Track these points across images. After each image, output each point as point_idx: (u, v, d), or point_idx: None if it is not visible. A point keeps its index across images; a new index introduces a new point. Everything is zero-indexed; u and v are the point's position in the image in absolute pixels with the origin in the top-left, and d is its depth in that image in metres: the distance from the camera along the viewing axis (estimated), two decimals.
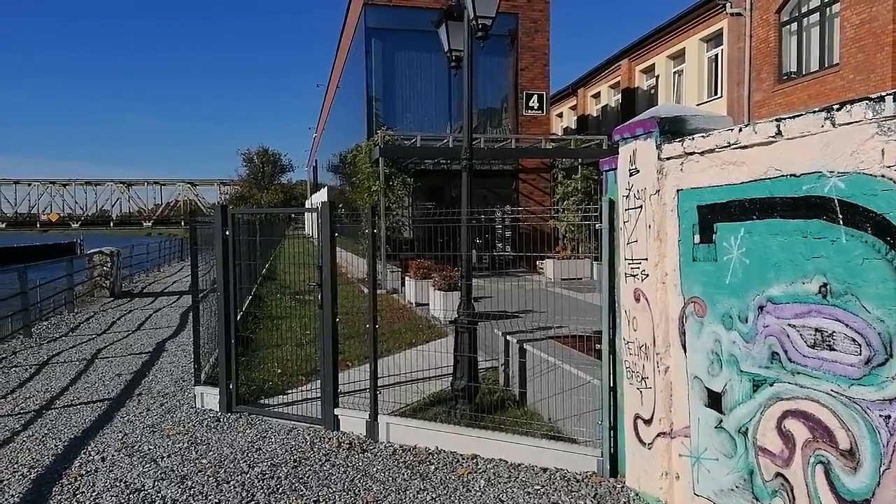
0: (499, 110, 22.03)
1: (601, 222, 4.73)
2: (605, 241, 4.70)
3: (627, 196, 4.39)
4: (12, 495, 4.67)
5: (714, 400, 3.70)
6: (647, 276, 4.18)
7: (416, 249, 15.27)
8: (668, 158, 4.01)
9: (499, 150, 20.23)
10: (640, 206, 4.23)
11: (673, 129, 4.05)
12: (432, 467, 5.07)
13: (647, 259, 4.19)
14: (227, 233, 6.50)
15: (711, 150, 3.63)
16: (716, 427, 3.69)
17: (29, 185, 63.00)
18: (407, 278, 14.82)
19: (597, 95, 29.11)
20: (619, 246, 4.54)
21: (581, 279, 17.24)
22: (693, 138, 3.77)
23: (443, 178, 20.58)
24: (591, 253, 17.92)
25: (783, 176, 3.18)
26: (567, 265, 17.51)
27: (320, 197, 45.39)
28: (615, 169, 4.63)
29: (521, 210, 18.32)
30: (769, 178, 3.26)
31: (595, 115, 29.37)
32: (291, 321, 10.64)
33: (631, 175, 4.34)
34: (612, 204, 4.68)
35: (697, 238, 3.79)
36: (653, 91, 24.07)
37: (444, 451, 5.37)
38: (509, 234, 20.37)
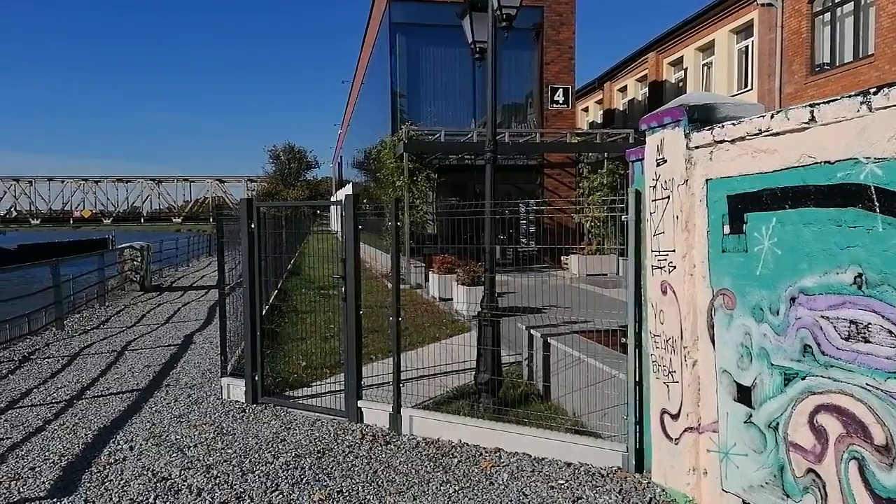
0: (523, 105, 21.88)
1: (627, 214, 4.65)
2: (631, 233, 4.62)
3: (654, 187, 4.31)
4: (43, 482, 4.77)
5: (743, 394, 3.61)
6: (675, 268, 4.10)
7: (440, 244, 15.25)
8: (696, 147, 3.92)
9: (523, 144, 20.10)
10: (668, 197, 4.14)
11: (702, 117, 3.96)
12: (455, 460, 5.05)
13: (674, 251, 4.10)
14: (253, 226, 6.55)
15: (742, 138, 3.54)
16: (745, 422, 3.60)
17: (62, 182, 64.42)
18: (430, 273, 14.82)
19: (623, 89, 28.77)
20: (646, 238, 4.46)
21: (606, 275, 17.04)
22: (723, 126, 3.67)
23: (466, 173, 20.51)
24: (616, 248, 17.71)
25: (817, 163, 3.08)
26: (592, 261, 17.33)
27: (345, 193, 45.60)
28: (642, 159, 4.55)
29: (546, 203, 18.14)
30: (802, 166, 3.17)
31: (622, 109, 29.02)
32: (316, 315, 10.70)
33: (658, 165, 4.26)
34: (638, 195, 4.59)
35: (727, 228, 3.70)
36: (681, 84, 23.70)
37: (468, 445, 5.34)
38: (533, 230, 20.23)
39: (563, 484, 4.54)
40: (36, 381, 7.76)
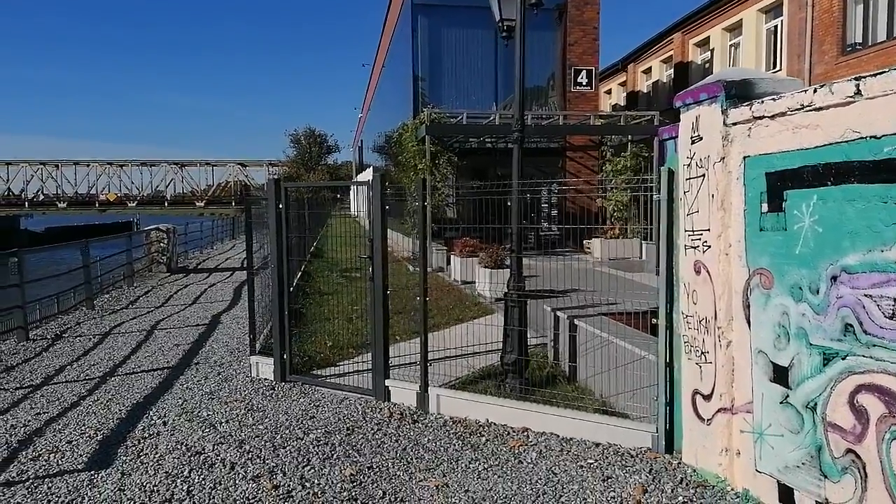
0: (545, 87, 21.63)
1: (659, 193, 4.59)
2: (663, 213, 4.56)
3: (689, 165, 4.24)
4: (80, 455, 4.88)
5: (780, 375, 3.57)
6: (709, 247, 4.04)
7: (461, 226, 15.21)
8: (734, 124, 3.85)
9: (546, 126, 19.89)
10: (703, 175, 4.08)
11: (740, 93, 3.88)
12: (483, 439, 5.07)
13: (709, 230, 4.04)
14: (281, 206, 6.59)
15: (783, 114, 3.46)
16: (781, 402, 3.56)
17: (88, 166, 65.21)
18: (452, 256, 14.82)
19: (648, 71, 28.33)
20: (679, 217, 4.40)
21: (629, 258, 16.89)
22: (762, 101, 3.60)
23: (487, 157, 20.37)
24: (640, 232, 17.53)
25: (862, 138, 3.01)
26: (615, 244, 17.17)
27: (366, 177, 45.74)
28: (675, 137, 4.48)
29: (569, 185, 17.96)
30: (846, 141, 3.09)
31: (645, 91, 28.60)
32: (340, 296, 10.77)
33: (693, 143, 4.19)
34: (671, 174, 4.53)
35: (765, 207, 3.63)
36: (707, 65, 23.25)
37: (495, 424, 5.36)
38: (556, 214, 20.10)
39: (592, 463, 4.54)
40: (69, 359, 7.93)
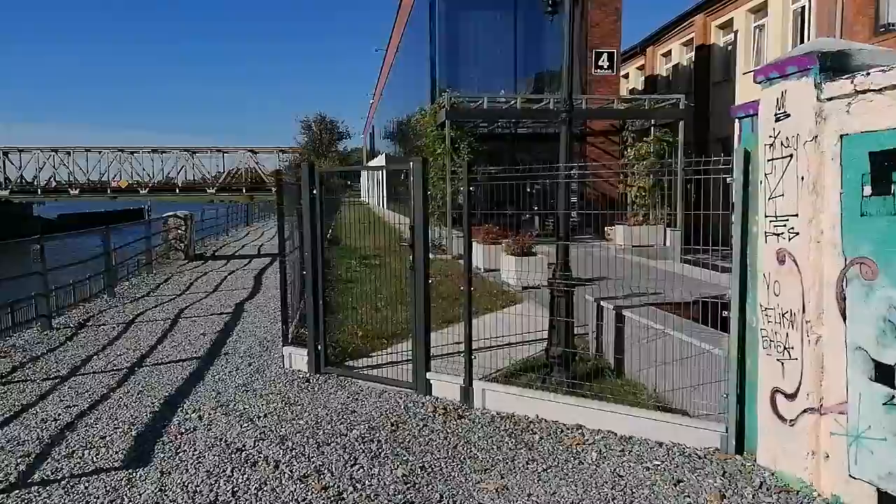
0: (561, 71, 21.17)
1: (733, 176, 4.27)
2: (737, 198, 4.24)
3: (772, 144, 3.91)
4: (116, 451, 4.66)
5: (884, 373, 3.26)
6: (797, 234, 3.73)
7: (482, 210, 14.91)
8: (829, 99, 3.51)
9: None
10: (790, 156, 3.75)
11: (835, 65, 3.54)
12: (536, 436, 4.81)
13: (796, 215, 3.73)
14: (315, 192, 6.31)
15: (894, 86, 3.13)
16: (885, 404, 3.26)
17: (100, 152, 64.90)
18: (474, 243, 14.48)
19: (667, 54, 27.69)
20: (757, 201, 4.08)
21: (652, 245, 16.53)
22: (868, 73, 3.26)
23: (504, 142, 19.99)
24: (664, 218, 17.14)
25: None
26: (638, 231, 16.81)
27: (378, 163, 45.42)
28: (752, 115, 4.16)
29: (592, 170, 17.56)
30: None
31: (665, 74, 27.99)
32: (363, 284, 10.52)
33: (777, 120, 3.86)
34: (747, 155, 4.20)
35: (868, 190, 3.31)
36: (730, 48, 22.67)
37: (546, 421, 5.09)
38: (575, 200, 19.73)
39: (658, 465, 4.26)
40: (94, 348, 7.72)
